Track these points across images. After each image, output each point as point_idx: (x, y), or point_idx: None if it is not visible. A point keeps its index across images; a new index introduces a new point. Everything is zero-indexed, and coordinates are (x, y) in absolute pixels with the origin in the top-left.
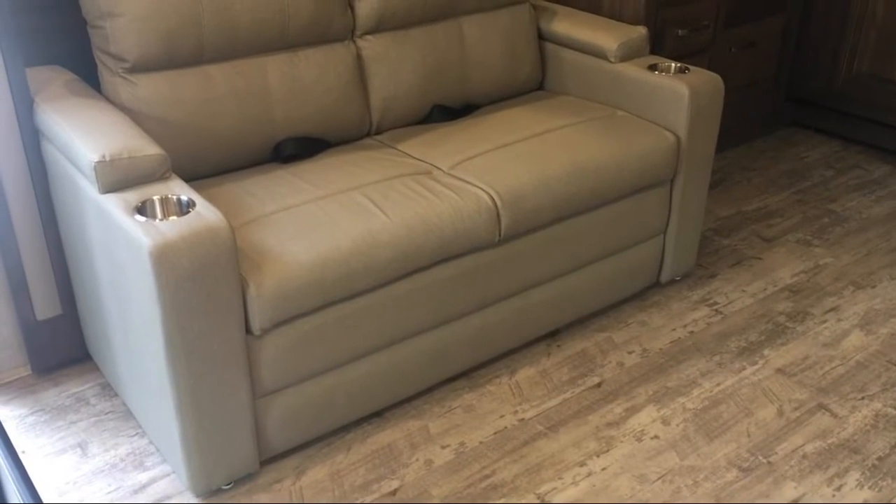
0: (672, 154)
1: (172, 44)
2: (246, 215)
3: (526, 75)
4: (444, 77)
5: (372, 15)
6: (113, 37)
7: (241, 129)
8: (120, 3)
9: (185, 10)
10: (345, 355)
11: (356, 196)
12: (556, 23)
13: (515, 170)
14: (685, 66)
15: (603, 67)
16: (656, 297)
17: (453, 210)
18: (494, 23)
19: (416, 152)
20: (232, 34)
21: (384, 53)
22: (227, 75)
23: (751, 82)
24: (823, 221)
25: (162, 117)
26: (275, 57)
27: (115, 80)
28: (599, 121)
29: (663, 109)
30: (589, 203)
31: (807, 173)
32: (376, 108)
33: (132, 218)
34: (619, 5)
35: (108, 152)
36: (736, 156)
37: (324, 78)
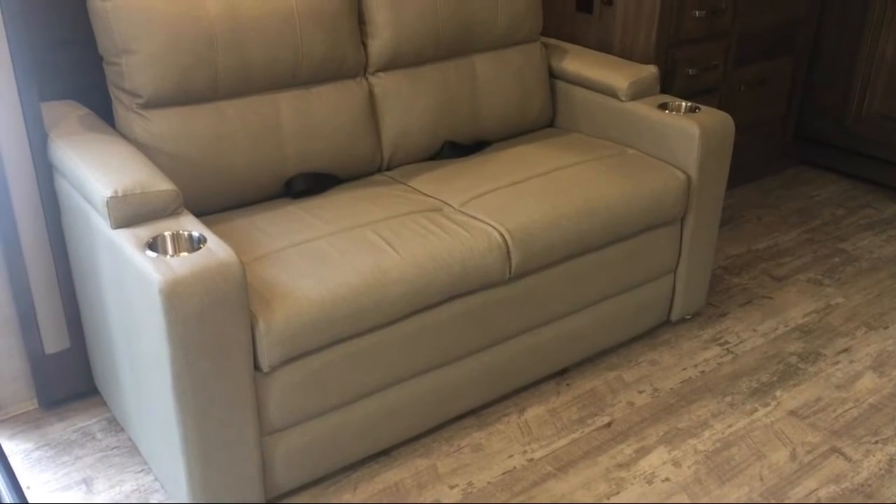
0: (683, 193)
1: (187, 80)
2: (256, 251)
3: (537, 113)
4: (455, 114)
5: (385, 52)
6: (128, 73)
7: (253, 164)
8: (136, 41)
9: (199, 47)
10: (353, 393)
11: (366, 232)
12: (567, 61)
13: (526, 207)
14: (696, 106)
15: (614, 106)
16: (666, 336)
17: (464, 247)
18: (506, 61)
19: (427, 189)
20: (246, 71)
21: (396, 90)
22: (240, 111)
23: (760, 121)
24: (834, 261)
25: (175, 153)
26: (287, 93)
27: (129, 116)
28: (610, 159)
29: (674, 148)
30: (599, 241)
31: (817, 212)
32: (388, 144)
33: (143, 253)
34: (630, 44)
35: (120, 188)
36: (745, 193)
37: (336, 114)
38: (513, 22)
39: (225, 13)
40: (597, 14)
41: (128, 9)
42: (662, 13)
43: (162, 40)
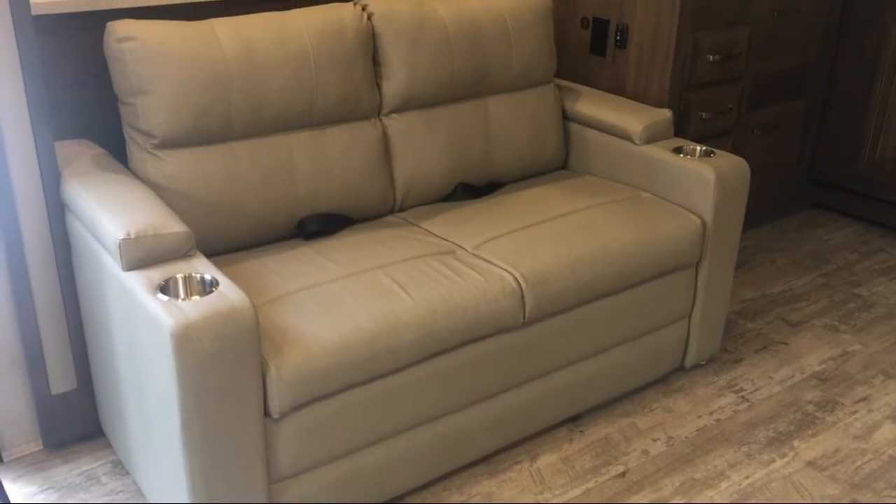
0: (698, 238)
1: (201, 121)
2: (268, 293)
3: (550, 155)
4: (468, 155)
5: (399, 94)
6: (143, 114)
7: (266, 205)
8: (152, 82)
9: (215, 88)
10: (363, 439)
11: (379, 276)
12: (581, 103)
13: (540, 251)
14: (710, 150)
15: (628, 149)
16: (681, 382)
17: (477, 292)
18: (520, 103)
19: (440, 231)
20: (260, 112)
21: (410, 132)
22: (254, 152)
23: (773, 164)
24: (850, 306)
25: (188, 193)
26: (301, 134)
27: (143, 156)
28: (624, 202)
29: (689, 192)
30: (614, 286)
31: (831, 256)
32: (400, 185)
33: (155, 297)
34: (644, 88)
35: (133, 230)
36: (759, 236)
37: (349, 155)
38: (527, 64)
39: (241, 55)
40: (610, 57)
41: (145, 50)
42: (676, 57)
43: (178, 81)
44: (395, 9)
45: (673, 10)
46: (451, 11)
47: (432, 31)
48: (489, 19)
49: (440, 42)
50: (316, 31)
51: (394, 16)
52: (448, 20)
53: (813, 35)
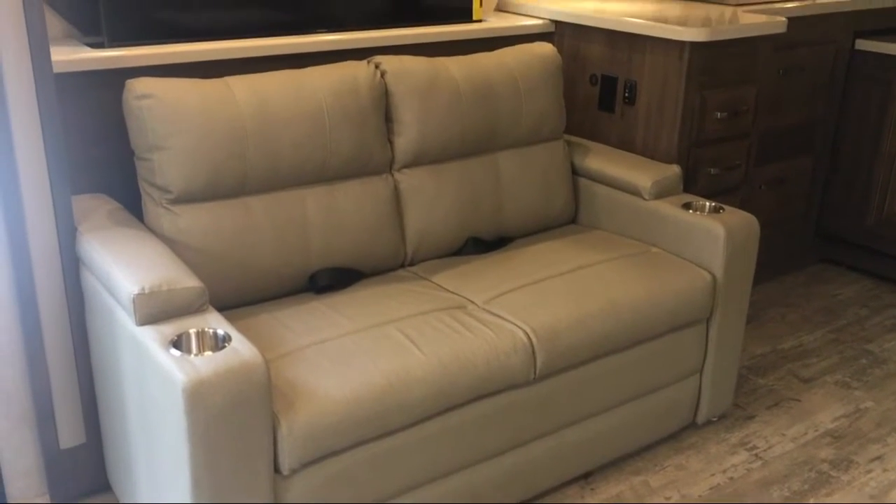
0: (708, 293)
1: (217, 176)
2: (280, 348)
3: (559, 209)
4: (479, 210)
5: (410, 150)
6: (159, 169)
7: (279, 259)
8: (168, 138)
9: (231, 144)
10: (373, 496)
11: (390, 330)
12: (590, 159)
13: (551, 306)
14: (719, 206)
15: (637, 204)
16: (693, 439)
17: (488, 347)
18: (530, 158)
19: (451, 285)
20: (274, 168)
21: (421, 186)
22: (267, 207)
23: (781, 219)
24: (861, 363)
25: (202, 247)
26: (314, 189)
27: (157, 211)
28: (634, 257)
29: (699, 248)
30: (625, 341)
31: (841, 312)
32: (411, 239)
33: (167, 352)
34: (652, 144)
35: (147, 284)
36: (768, 291)
37: (361, 210)
38: (537, 121)
39: (256, 111)
40: (619, 113)
41: (162, 107)
42: (684, 114)
43: (194, 137)
44: (407, 67)
45: (680, 69)
46: (463, 69)
47: (444, 88)
48: (500, 76)
49: (451, 99)
50: (330, 88)
51: (406, 74)
52: (459, 78)
53: (819, 92)
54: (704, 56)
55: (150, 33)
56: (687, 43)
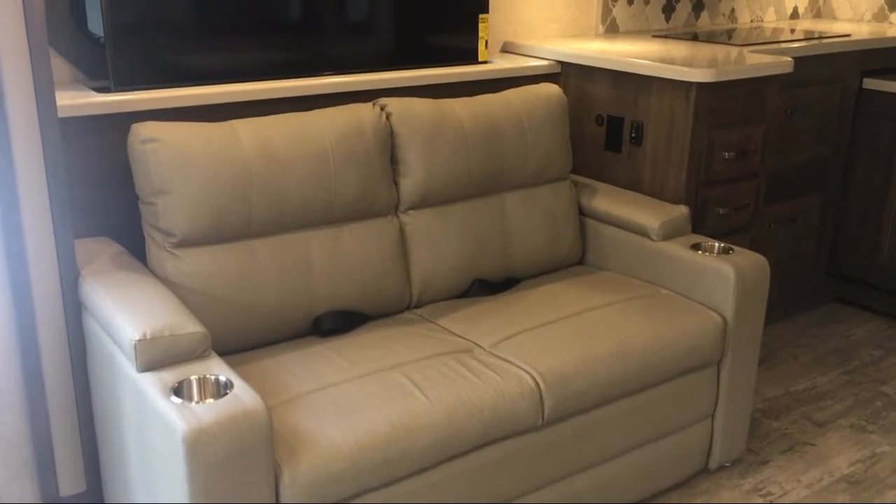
0: (719, 336)
1: (221, 220)
2: (283, 394)
3: (567, 251)
4: (485, 252)
5: (416, 191)
6: (163, 213)
7: (283, 303)
8: (173, 182)
9: (235, 188)
10: None
11: (395, 375)
12: (597, 199)
13: (559, 350)
14: (729, 246)
15: (645, 245)
16: (705, 485)
17: (495, 392)
18: (536, 199)
19: (457, 328)
20: (279, 211)
21: (427, 228)
22: (272, 250)
23: (792, 258)
24: (876, 405)
25: (205, 291)
26: (319, 231)
27: (161, 255)
28: (643, 299)
29: (708, 290)
30: (634, 385)
31: (854, 352)
32: (417, 282)
33: (168, 399)
34: (660, 184)
35: (149, 330)
36: (780, 332)
37: (366, 252)
38: (543, 161)
39: (261, 155)
40: (626, 153)
41: (167, 151)
42: (692, 154)
43: (199, 181)
44: (413, 109)
45: (687, 109)
46: (468, 110)
47: (449, 129)
48: (505, 118)
49: (457, 140)
50: (335, 130)
51: (412, 115)
52: (465, 119)
53: (827, 130)
54: (711, 96)
55: (156, 77)
56: (693, 84)
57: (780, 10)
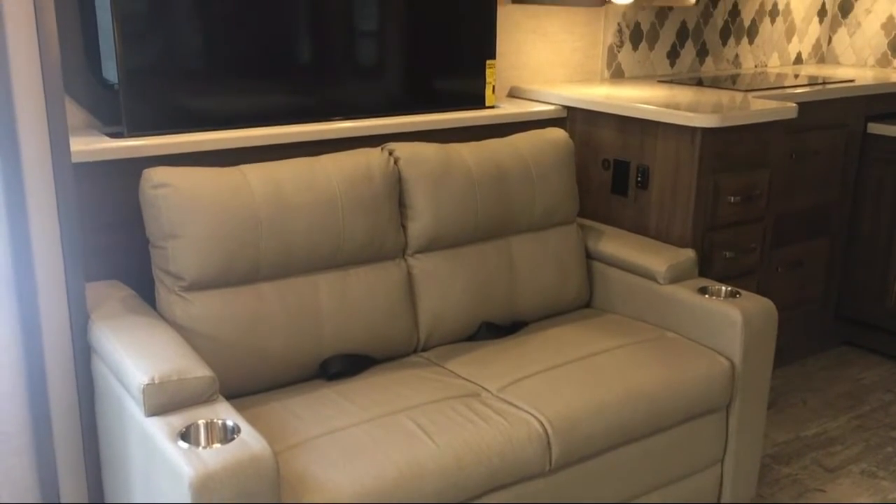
0: (727, 380)
1: (230, 264)
2: (290, 439)
3: (574, 294)
4: (492, 295)
5: (424, 235)
6: (173, 257)
7: (290, 346)
8: (183, 226)
9: (244, 232)
10: None
11: (403, 420)
12: (604, 243)
13: (566, 394)
14: (736, 290)
15: (652, 289)
16: None
17: (503, 437)
18: (543, 242)
19: (464, 372)
20: (287, 255)
21: (434, 271)
22: (280, 293)
23: (800, 301)
24: (887, 451)
25: (213, 335)
26: (327, 275)
27: (170, 298)
28: (650, 343)
29: (716, 334)
30: (642, 430)
31: (864, 397)
32: (424, 325)
33: (175, 444)
34: (666, 227)
35: (157, 374)
36: (789, 375)
37: (374, 295)
38: (550, 205)
39: (270, 199)
40: (632, 197)
41: (178, 196)
42: (698, 198)
43: (209, 225)
44: (421, 153)
45: (692, 154)
46: (476, 155)
47: (457, 174)
48: (513, 162)
49: (465, 185)
50: (344, 175)
51: (420, 160)
52: (472, 163)
53: (832, 175)
54: (716, 141)
55: (169, 122)
56: (699, 129)
57: (783, 56)
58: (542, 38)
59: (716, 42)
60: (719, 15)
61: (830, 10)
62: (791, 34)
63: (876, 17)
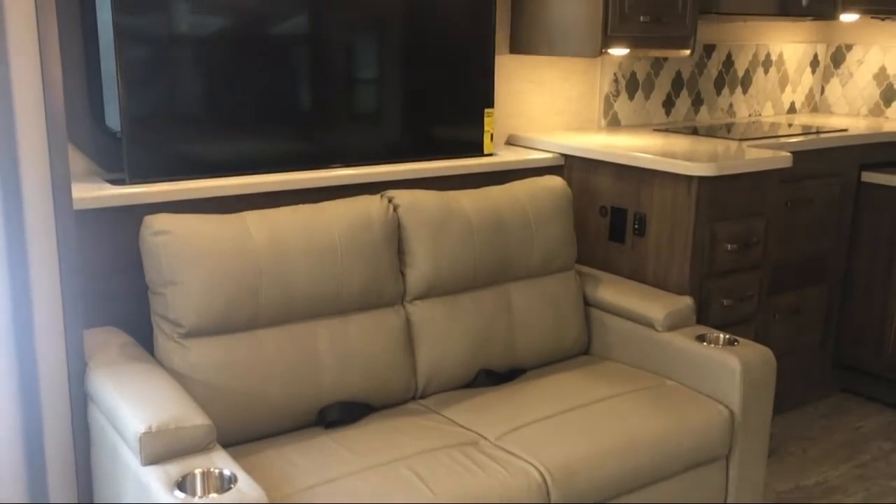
0: (727, 429)
1: (229, 311)
2: (287, 488)
3: (572, 341)
4: (490, 341)
5: (423, 282)
6: (173, 304)
7: (289, 394)
8: (183, 273)
9: (244, 279)
10: None
11: (400, 469)
12: (602, 290)
13: (565, 443)
14: (734, 338)
15: (650, 336)
16: None
17: (501, 487)
18: (541, 289)
19: (463, 419)
20: (287, 301)
21: (432, 318)
22: (279, 340)
23: (797, 348)
24: (889, 501)
25: (211, 382)
26: (326, 322)
27: (169, 345)
28: (649, 391)
29: (714, 382)
30: (642, 480)
31: (864, 445)
32: (423, 372)
33: (172, 494)
34: (664, 274)
35: (154, 423)
36: (788, 423)
37: (372, 342)
38: (548, 252)
39: (270, 246)
40: (629, 244)
41: (178, 243)
42: (695, 246)
43: (208, 272)
44: (420, 201)
45: (689, 202)
46: (474, 202)
47: (456, 221)
48: (511, 210)
49: (463, 232)
50: (344, 222)
51: (419, 207)
52: (471, 211)
53: (828, 223)
54: (712, 190)
55: (170, 169)
56: (695, 177)
57: (777, 105)
58: (540, 87)
59: (710, 91)
60: (713, 65)
61: (823, 60)
62: (784, 84)
63: (867, 68)
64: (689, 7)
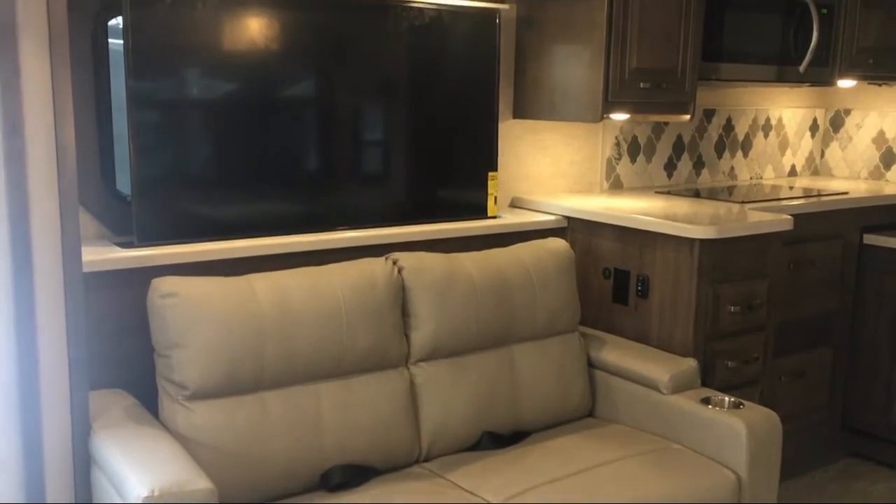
0: (733, 494)
1: (234, 373)
2: None
3: (576, 403)
4: (494, 404)
5: (427, 344)
6: (178, 366)
7: (292, 456)
8: (189, 335)
9: (249, 342)
10: None
11: None
12: (606, 352)
13: None
14: (739, 401)
15: (654, 398)
16: None
17: None
18: (545, 351)
19: (466, 483)
20: (291, 364)
21: (436, 380)
22: (282, 402)
23: (804, 411)
24: None
25: (215, 445)
26: (329, 383)
27: (173, 407)
28: (654, 454)
29: (720, 446)
30: None
31: None
32: (426, 434)
33: None
34: (668, 336)
35: (157, 488)
36: (796, 488)
37: (376, 405)
38: (551, 314)
39: (276, 309)
40: (633, 306)
41: (184, 306)
42: (698, 308)
43: (214, 335)
44: (424, 263)
45: (691, 264)
46: (478, 265)
47: (460, 283)
48: (514, 272)
49: (467, 294)
50: (348, 284)
51: (423, 270)
52: (475, 273)
53: (832, 284)
54: (714, 252)
55: (178, 232)
56: (697, 240)
57: (778, 168)
58: (543, 150)
59: (711, 155)
60: (714, 129)
61: (822, 125)
62: (784, 147)
63: (867, 132)
64: (689, 73)
